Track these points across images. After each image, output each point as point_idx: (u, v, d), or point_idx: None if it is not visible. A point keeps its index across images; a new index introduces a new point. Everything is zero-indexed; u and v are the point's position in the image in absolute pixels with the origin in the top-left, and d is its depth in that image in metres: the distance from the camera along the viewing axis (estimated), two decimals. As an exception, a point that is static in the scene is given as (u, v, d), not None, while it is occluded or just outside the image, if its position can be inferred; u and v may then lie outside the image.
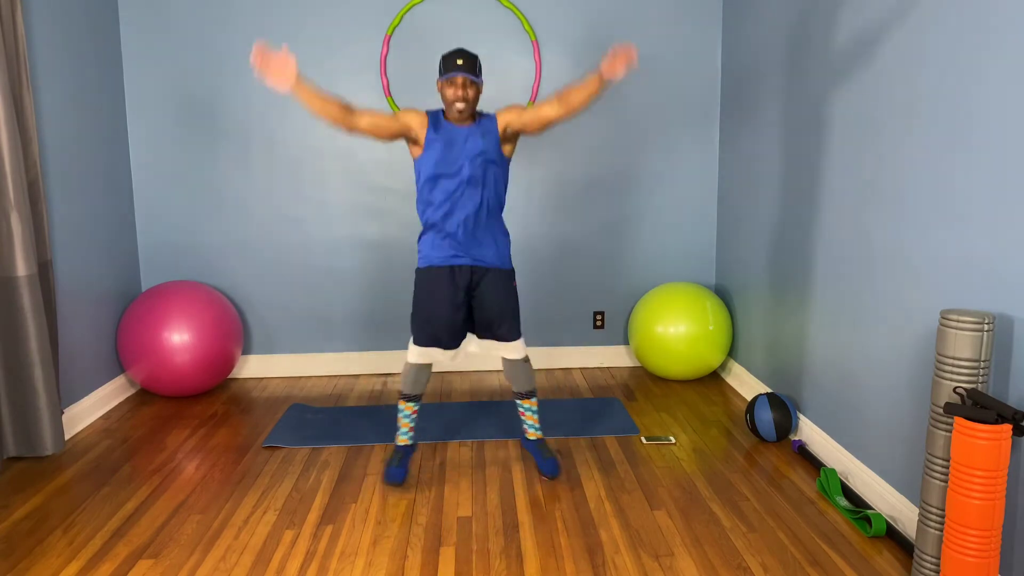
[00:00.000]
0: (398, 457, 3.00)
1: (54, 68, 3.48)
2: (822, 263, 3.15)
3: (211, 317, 3.90)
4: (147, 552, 2.51)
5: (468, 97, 2.71)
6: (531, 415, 3.07)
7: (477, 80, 2.72)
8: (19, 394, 3.14)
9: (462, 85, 2.71)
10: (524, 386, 3.03)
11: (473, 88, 2.74)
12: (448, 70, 2.71)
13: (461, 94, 2.71)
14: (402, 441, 3.05)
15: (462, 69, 2.69)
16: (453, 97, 2.71)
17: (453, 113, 2.78)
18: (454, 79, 2.72)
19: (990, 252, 2.15)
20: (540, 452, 3.03)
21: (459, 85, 2.72)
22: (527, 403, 3.06)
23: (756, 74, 3.81)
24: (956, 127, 2.28)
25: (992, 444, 1.93)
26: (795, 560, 2.42)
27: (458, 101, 2.71)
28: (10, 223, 3.01)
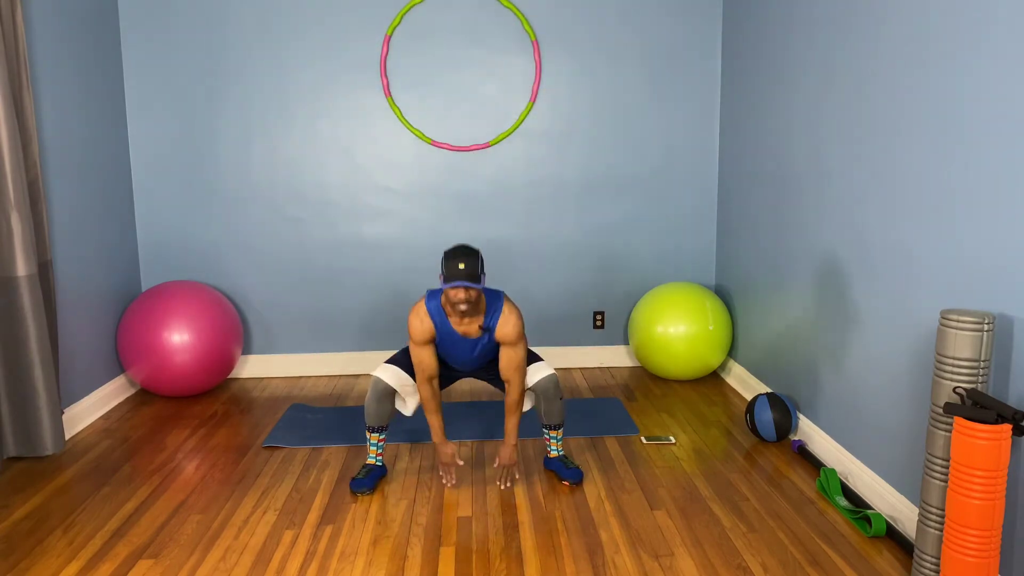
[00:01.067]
0: (365, 471, 2.97)
1: (54, 68, 3.48)
2: (822, 263, 3.15)
3: (211, 317, 3.90)
4: (147, 552, 2.51)
5: (471, 299, 2.73)
6: (555, 441, 3.05)
7: (478, 285, 2.72)
8: (19, 394, 3.14)
9: (465, 290, 2.72)
10: (555, 420, 3.00)
11: (475, 291, 2.75)
12: (451, 276, 2.68)
13: (464, 296, 2.71)
14: (370, 461, 3.01)
15: (463, 277, 2.68)
16: (456, 299, 2.72)
17: (456, 314, 2.79)
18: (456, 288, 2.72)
19: (990, 252, 2.15)
20: (563, 464, 3.03)
21: (461, 291, 2.72)
22: (554, 433, 3.03)
23: (757, 72, 3.82)
24: (956, 127, 2.28)
25: (992, 444, 1.93)
26: (795, 560, 2.42)
27: (460, 304, 2.72)
28: (10, 223, 3.01)
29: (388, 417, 2.96)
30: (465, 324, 2.84)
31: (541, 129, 4.34)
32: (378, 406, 2.93)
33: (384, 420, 2.95)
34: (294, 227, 4.33)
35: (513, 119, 4.32)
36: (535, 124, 4.34)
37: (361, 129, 4.28)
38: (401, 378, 2.95)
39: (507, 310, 2.84)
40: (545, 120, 4.34)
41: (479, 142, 4.33)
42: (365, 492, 2.90)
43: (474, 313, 2.82)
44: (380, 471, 3.00)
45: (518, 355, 2.87)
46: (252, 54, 4.18)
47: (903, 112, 2.55)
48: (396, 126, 4.29)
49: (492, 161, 4.36)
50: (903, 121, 2.55)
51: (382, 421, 2.95)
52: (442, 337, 2.88)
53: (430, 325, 2.84)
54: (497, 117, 4.31)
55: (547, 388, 2.94)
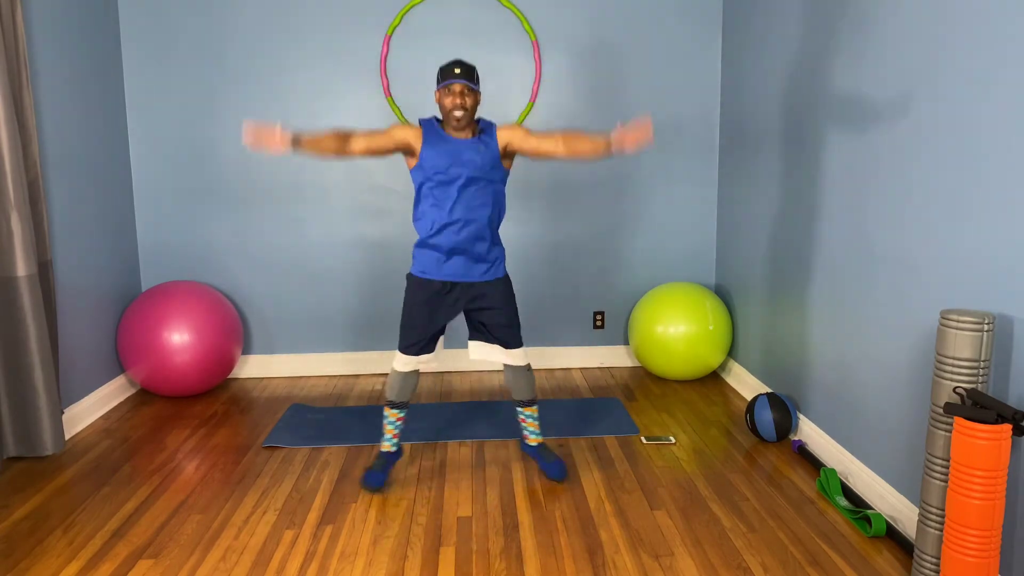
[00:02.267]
0: (381, 463, 2.97)
1: (54, 68, 3.48)
2: (822, 263, 3.15)
3: (211, 317, 3.90)
4: (147, 552, 2.51)
5: (466, 105, 2.70)
6: (532, 421, 3.06)
7: (475, 88, 2.71)
8: (19, 394, 3.14)
9: (460, 93, 2.70)
10: (526, 394, 3.01)
11: (471, 96, 2.72)
12: (446, 78, 2.70)
13: (459, 102, 2.69)
14: (386, 447, 3.00)
15: (460, 77, 2.69)
16: (451, 105, 2.70)
17: (452, 122, 2.75)
18: (452, 87, 2.71)
19: (990, 252, 2.15)
20: (543, 456, 3.02)
21: (457, 93, 2.71)
22: (528, 410, 3.04)
23: (757, 73, 3.82)
24: (956, 127, 2.28)
25: (992, 444, 1.93)
26: (795, 560, 2.42)
27: (456, 109, 2.70)
28: (10, 223, 3.01)
29: (412, 391, 2.97)
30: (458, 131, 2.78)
31: (541, 128, 4.34)
32: (404, 381, 2.93)
33: (408, 395, 2.96)
34: (294, 227, 4.33)
35: (513, 119, 4.32)
36: (535, 124, 4.33)
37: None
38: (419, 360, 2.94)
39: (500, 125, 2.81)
40: (545, 120, 4.34)
41: (479, 142, 4.33)
42: (377, 489, 2.89)
43: (468, 124, 2.77)
44: (395, 456, 3.01)
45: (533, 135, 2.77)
46: (252, 54, 4.18)
47: (903, 112, 2.55)
48: (396, 126, 4.29)
49: (492, 161, 4.35)
50: (903, 121, 2.55)
51: (405, 396, 2.95)
52: (434, 140, 2.77)
53: (417, 129, 2.79)
54: (497, 117, 4.31)
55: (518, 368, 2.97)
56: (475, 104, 2.75)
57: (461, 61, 2.74)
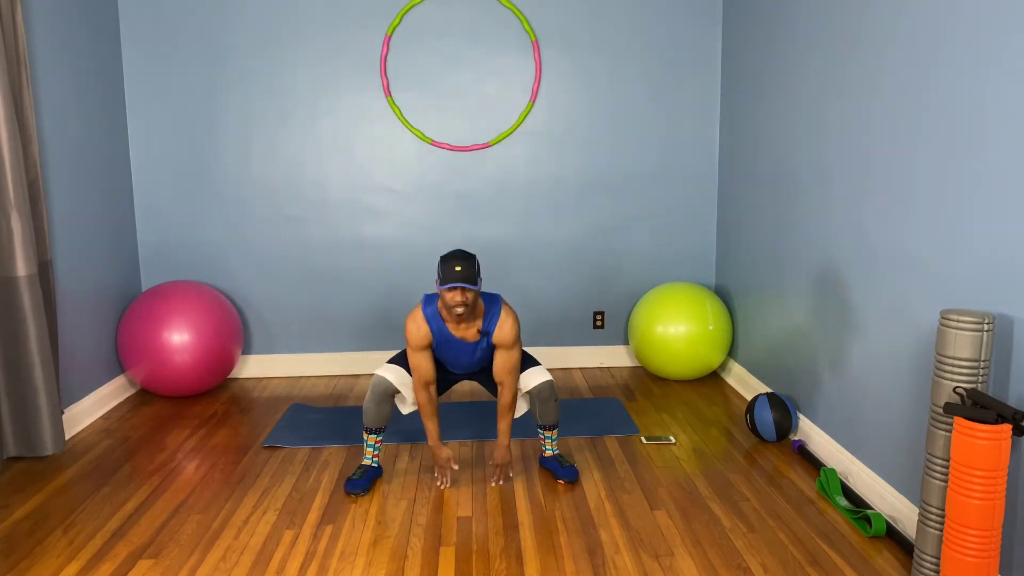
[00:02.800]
0: (360, 472, 2.97)
1: (54, 68, 3.48)
2: (822, 263, 3.15)
3: (211, 317, 3.90)
4: (147, 552, 2.51)
5: (467, 301, 2.73)
6: (550, 441, 3.06)
7: (475, 287, 2.72)
8: (19, 394, 3.14)
9: (461, 291, 2.72)
10: (550, 420, 3.00)
11: (472, 293, 2.74)
12: (447, 279, 2.69)
13: (460, 299, 2.71)
14: (365, 463, 3.01)
15: (460, 279, 2.68)
16: (452, 302, 2.72)
17: (452, 317, 2.79)
18: (453, 290, 2.72)
19: (990, 252, 2.15)
20: (559, 463, 3.03)
21: (458, 293, 2.72)
22: (549, 433, 3.03)
23: (757, 73, 3.82)
24: (956, 127, 2.28)
25: (992, 444, 1.93)
26: (795, 560, 2.42)
27: (457, 307, 2.73)
28: (10, 223, 3.01)
29: (387, 419, 2.96)
30: (462, 329, 2.84)
31: (541, 129, 4.34)
32: (378, 408, 2.92)
33: (383, 422, 2.95)
34: (294, 227, 4.33)
35: (513, 119, 4.32)
36: (535, 124, 4.34)
37: (361, 129, 4.28)
38: (403, 377, 2.96)
39: (504, 314, 2.85)
40: (545, 120, 4.34)
41: (479, 142, 4.33)
42: (359, 493, 2.90)
43: (471, 317, 2.82)
44: (376, 472, 3.00)
45: (512, 359, 2.88)
46: (252, 54, 4.18)
47: (904, 112, 2.55)
48: (396, 126, 4.29)
49: (492, 161, 4.35)
50: (904, 121, 2.55)
51: (380, 423, 2.95)
52: (440, 342, 2.88)
53: (427, 330, 2.84)
54: (497, 117, 4.31)
55: (542, 391, 2.94)
56: (475, 296, 2.78)
57: (462, 257, 2.71)
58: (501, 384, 2.91)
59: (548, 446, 3.05)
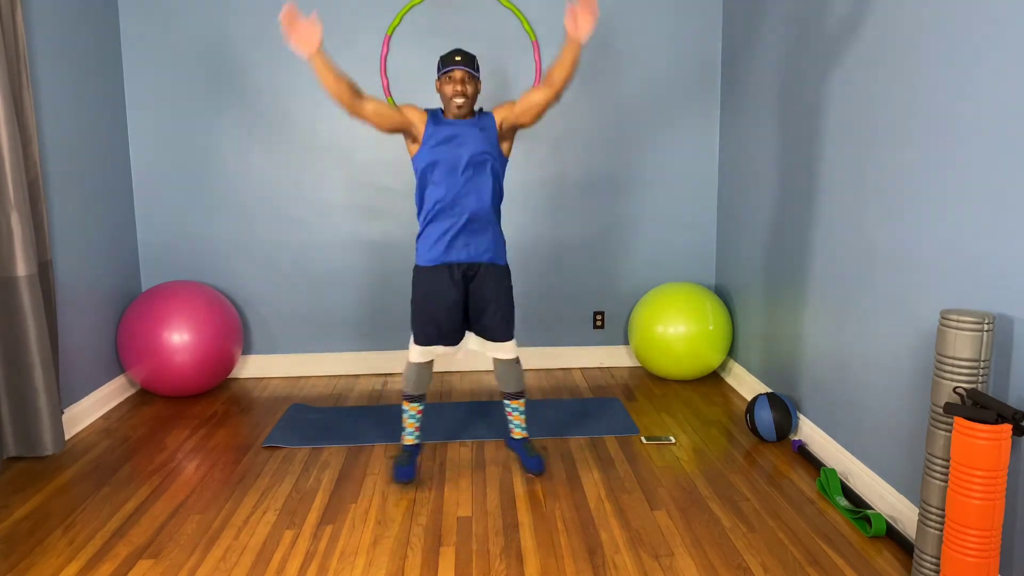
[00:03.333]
0: (406, 456, 3.01)
1: (54, 68, 3.48)
2: (822, 263, 3.15)
3: (211, 317, 3.90)
4: (147, 552, 2.51)
5: (467, 92, 2.72)
6: (518, 415, 3.08)
7: (475, 75, 2.73)
8: (19, 394, 3.14)
9: (460, 80, 2.72)
10: (514, 387, 3.04)
11: (472, 84, 2.75)
12: (446, 66, 2.73)
13: (460, 89, 2.72)
14: (409, 441, 3.05)
15: (460, 64, 2.72)
16: (452, 92, 2.72)
17: (452, 109, 2.78)
18: (452, 74, 2.74)
19: (990, 252, 2.15)
20: (525, 450, 3.05)
21: (457, 80, 2.73)
22: (515, 403, 3.07)
23: (757, 73, 3.82)
24: (956, 127, 2.28)
25: (992, 444, 1.93)
26: (795, 560, 2.42)
27: (457, 96, 2.72)
28: (10, 223, 3.01)
29: (427, 383, 3.01)
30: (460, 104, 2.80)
31: (541, 129, 4.34)
32: (419, 373, 2.96)
33: (424, 387, 3.00)
34: (294, 227, 4.33)
35: (513, 119, 4.32)
36: (535, 124, 4.33)
37: (361, 129, 4.28)
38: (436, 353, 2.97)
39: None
40: (545, 120, 4.33)
41: (479, 142, 4.33)
42: (410, 480, 2.94)
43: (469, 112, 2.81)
44: (418, 449, 3.05)
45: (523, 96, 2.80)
46: (252, 53, 4.18)
47: (904, 112, 2.55)
48: (396, 126, 4.29)
49: (492, 161, 4.35)
50: (904, 121, 2.55)
51: (422, 389, 2.99)
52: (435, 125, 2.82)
53: (424, 112, 2.84)
54: (497, 117, 4.31)
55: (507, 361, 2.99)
56: (475, 92, 2.78)
57: (461, 49, 2.77)
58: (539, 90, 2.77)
59: (516, 421, 3.06)
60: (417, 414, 3.02)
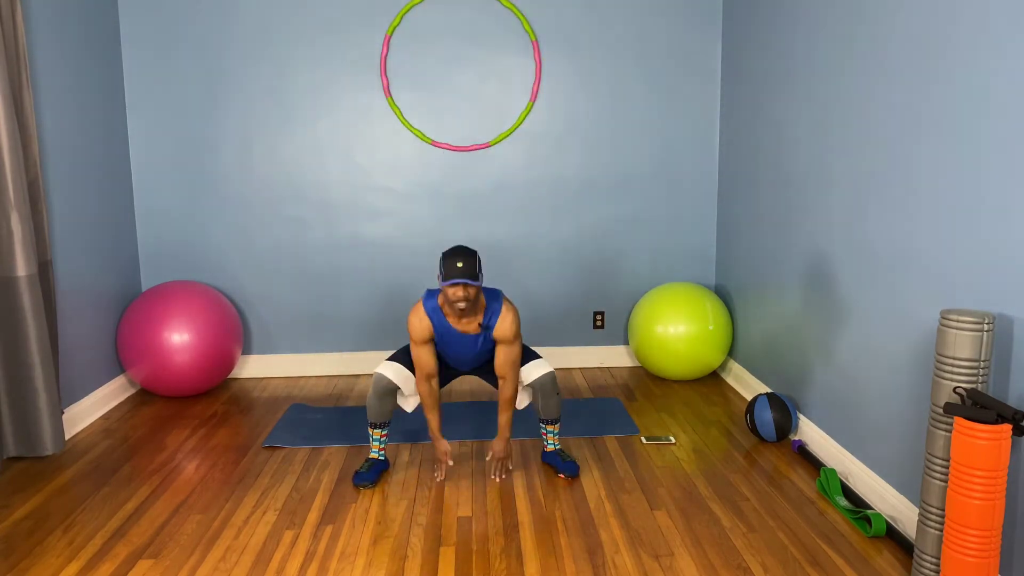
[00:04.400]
0: (368, 465, 3.01)
1: (54, 68, 3.48)
2: (822, 263, 3.15)
3: (211, 317, 3.90)
4: (147, 552, 2.51)
5: (469, 296, 2.74)
6: (552, 436, 3.09)
7: (477, 283, 2.73)
8: (19, 394, 3.14)
9: (463, 287, 2.73)
10: (552, 415, 3.03)
11: (474, 288, 2.76)
12: (449, 275, 2.71)
13: (462, 295, 2.73)
14: (373, 456, 3.05)
15: (462, 275, 2.70)
16: (454, 297, 2.74)
17: (455, 312, 2.81)
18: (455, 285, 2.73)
19: (990, 252, 2.15)
20: (560, 458, 3.06)
21: (459, 288, 2.73)
22: (551, 427, 3.07)
23: (757, 72, 3.82)
24: (956, 127, 2.28)
25: (992, 444, 1.93)
26: (795, 560, 2.42)
27: (459, 302, 2.74)
28: (10, 223, 3.01)
29: (390, 413, 3.00)
30: (464, 323, 2.86)
31: (541, 129, 4.34)
32: (380, 403, 2.96)
33: (386, 416, 2.99)
34: (294, 227, 4.33)
35: (513, 119, 4.32)
36: (535, 124, 4.33)
37: (361, 129, 4.28)
38: (403, 375, 2.98)
39: (505, 309, 2.87)
40: (545, 120, 4.34)
41: (479, 142, 4.33)
42: (367, 486, 2.93)
43: (472, 312, 2.84)
44: (383, 465, 3.04)
45: (513, 353, 2.90)
46: (252, 54, 4.18)
47: (904, 112, 2.55)
48: (396, 126, 4.29)
49: (492, 161, 4.35)
50: (904, 121, 2.55)
51: (384, 417, 2.99)
52: (441, 336, 2.90)
53: (428, 324, 2.86)
54: (497, 117, 4.31)
55: (544, 384, 2.97)
56: (477, 292, 2.80)
57: (464, 253, 2.73)
58: (503, 379, 2.93)
59: (549, 440, 3.08)
60: (381, 438, 3.03)
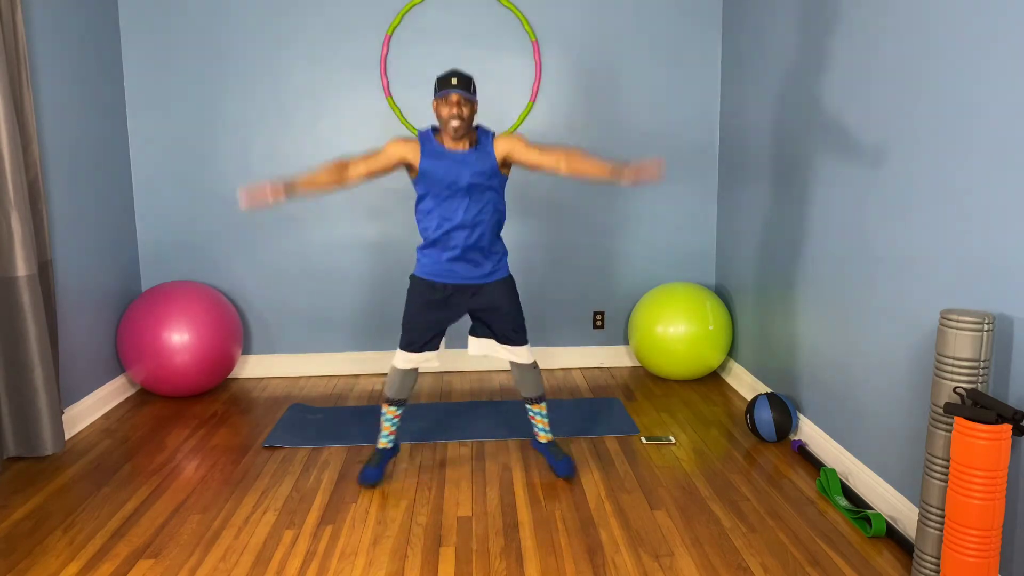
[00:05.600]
0: (377, 459, 3.00)
1: (54, 68, 3.48)
2: (822, 263, 3.15)
3: (211, 317, 3.90)
4: (147, 552, 2.51)
5: (463, 115, 2.71)
6: (541, 419, 3.08)
7: (472, 98, 2.71)
8: (19, 394, 3.14)
9: (457, 103, 2.71)
10: (534, 391, 3.04)
11: (468, 106, 2.73)
12: (442, 88, 2.71)
13: (456, 111, 2.70)
14: (383, 444, 3.03)
15: (457, 87, 2.70)
16: (448, 115, 2.71)
17: (449, 132, 2.76)
18: (448, 97, 2.72)
19: (990, 252, 2.15)
20: (552, 454, 3.05)
21: (454, 103, 2.71)
22: (536, 407, 3.07)
23: (757, 72, 3.82)
24: (956, 127, 2.28)
25: (992, 444, 1.93)
26: (795, 560, 2.42)
27: (453, 119, 2.71)
28: (10, 223, 3.01)
29: (410, 390, 3.01)
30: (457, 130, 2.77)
31: (541, 129, 4.34)
32: (403, 379, 2.97)
33: (405, 393, 2.99)
34: (294, 227, 4.33)
35: (513, 119, 4.32)
36: (535, 124, 4.33)
37: (361, 129, 4.28)
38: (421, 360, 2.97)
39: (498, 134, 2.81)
40: (545, 120, 4.34)
41: (479, 142, 4.33)
42: (374, 484, 2.93)
43: (465, 133, 2.78)
44: (391, 453, 3.04)
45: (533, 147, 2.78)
46: (252, 54, 4.18)
47: (904, 112, 2.55)
48: (396, 126, 4.29)
49: (492, 161, 4.35)
50: (904, 121, 2.55)
51: (404, 394, 2.99)
52: (433, 160, 2.79)
53: (414, 144, 2.80)
54: (497, 117, 4.31)
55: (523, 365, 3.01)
56: (472, 113, 2.76)
57: (458, 71, 2.75)
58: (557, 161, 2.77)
59: (540, 425, 3.07)
60: (395, 418, 3.02)
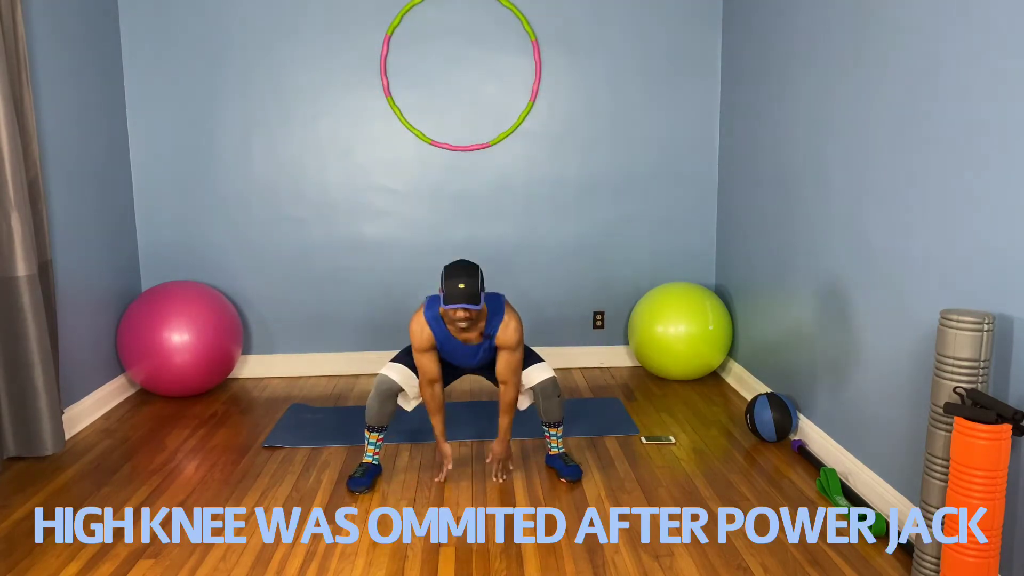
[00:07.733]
0: (363, 470, 2.99)
1: (54, 68, 3.48)
2: (822, 262, 3.15)
3: (211, 317, 3.90)
4: (147, 552, 2.51)
5: (471, 317, 2.72)
6: (556, 439, 3.08)
7: (478, 308, 2.69)
8: (19, 394, 3.14)
9: (463, 318, 2.70)
10: (554, 417, 3.02)
11: (474, 315, 2.73)
12: (451, 298, 2.66)
13: (463, 315, 2.70)
14: (366, 461, 3.03)
15: (464, 299, 2.66)
16: (455, 318, 2.71)
17: (456, 329, 2.81)
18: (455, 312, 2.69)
19: (990, 252, 2.15)
20: (563, 462, 3.05)
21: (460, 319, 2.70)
22: (554, 431, 3.06)
23: (757, 72, 3.82)
24: (956, 126, 2.28)
25: (992, 444, 1.93)
26: (795, 560, 2.42)
27: (460, 321, 2.72)
28: (10, 223, 3.01)
29: (389, 417, 2.98)
30: (465, 334, 2.85)
31: (541, 129, 4.34)
32: (381, 406, 2.94)
33: (385, 420, 2.97)
34: (294, 227, 4.33)
35: (513, 119, 4.32)
36: (535, 124, 4.34)
37: (361, 129, 4.28)
38: (407, 376, 2.98)
39: (507, 316, 2.85)
40: (545, 120, 4.34)
41: (479, 142, 4.33)
42: (363, 491, 2.91)
43: (474, 328, 2.83)
44: (377, 470, 3.01)
45: (515, 359, 2.89)
46: (252, 54, 4.18)
47: (903, 112, 2.55)
48: (396, 126, 4.29)
49: (492, 161, 4.36)
50: (904, 121, 2.55)
51: (383, 421, 2.97)
52: (443, 343, 2.89)
53: (430, 333, 2.85)
54: (497, 117, 4.31)
55: (546, 388, 2.97)
56: (479, 317, 2.78)
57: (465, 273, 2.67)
58: (504, 383, 2.92)
59: (553, 444, 3.07)
60: (377, 442, 3.01)
